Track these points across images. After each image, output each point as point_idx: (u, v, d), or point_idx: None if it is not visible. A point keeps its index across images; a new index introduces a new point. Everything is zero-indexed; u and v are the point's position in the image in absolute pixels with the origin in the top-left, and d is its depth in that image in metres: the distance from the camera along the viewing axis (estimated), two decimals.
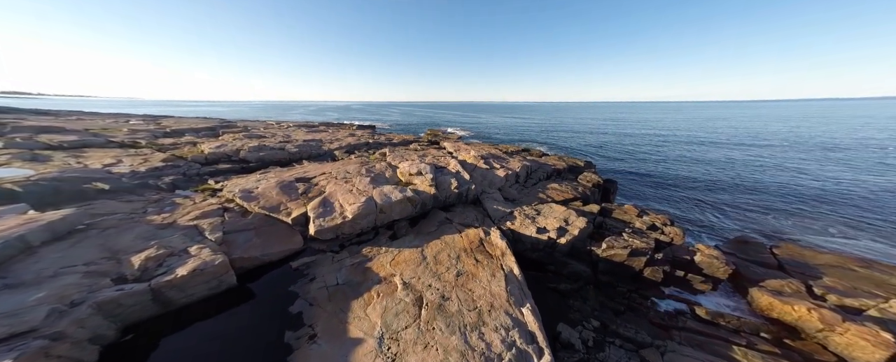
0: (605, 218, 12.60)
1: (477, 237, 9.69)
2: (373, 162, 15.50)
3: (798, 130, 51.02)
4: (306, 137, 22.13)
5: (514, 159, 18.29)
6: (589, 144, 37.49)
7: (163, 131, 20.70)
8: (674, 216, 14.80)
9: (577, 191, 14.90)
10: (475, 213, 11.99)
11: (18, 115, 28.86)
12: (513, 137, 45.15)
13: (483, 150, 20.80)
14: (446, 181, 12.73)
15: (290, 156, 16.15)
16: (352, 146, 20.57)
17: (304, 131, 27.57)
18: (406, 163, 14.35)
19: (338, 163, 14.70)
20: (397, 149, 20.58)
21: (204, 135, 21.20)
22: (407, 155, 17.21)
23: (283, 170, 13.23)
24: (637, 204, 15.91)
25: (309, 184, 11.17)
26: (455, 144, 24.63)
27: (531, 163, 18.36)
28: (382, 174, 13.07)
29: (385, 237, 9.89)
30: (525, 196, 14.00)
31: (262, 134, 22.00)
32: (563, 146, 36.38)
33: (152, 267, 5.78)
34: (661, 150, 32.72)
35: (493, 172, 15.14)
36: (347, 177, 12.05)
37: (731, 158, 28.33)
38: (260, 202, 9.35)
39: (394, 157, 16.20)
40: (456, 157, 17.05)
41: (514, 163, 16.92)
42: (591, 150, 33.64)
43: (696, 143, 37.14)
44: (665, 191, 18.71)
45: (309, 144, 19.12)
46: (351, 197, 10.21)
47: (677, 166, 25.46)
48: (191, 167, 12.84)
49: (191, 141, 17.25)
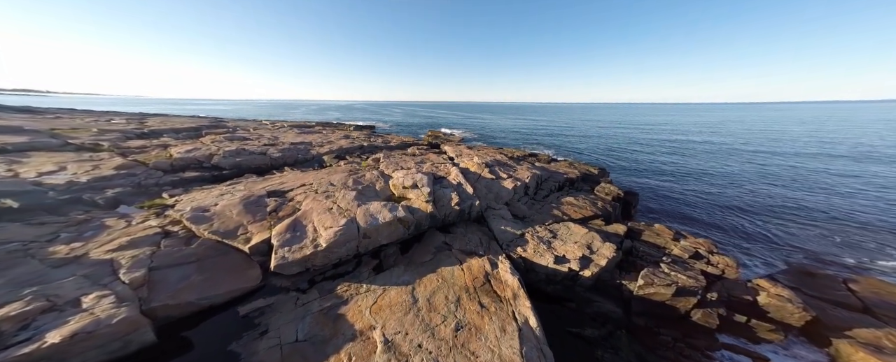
0: (634, 241, 10.68)
1: (481, 270, 7.84)
2: (364, 170, 13.71)
3: (821, 134, 48.53)
4: (295, 140, 20.46)
5: (522, 167, 16.43)
6: (598, 148, 35.48)
7: (139, 131, 19.11)
8: (707, 236, 12.83)
9: (595, 205, 12.99)
10: (479, 235, 10.15)
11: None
12: (517, 140, 43.22)
13: (487, 156, 18.95)
14: (446, 196, 10.90)
15: (272, 163, 14.42)
16: (344, 150, 18.84)
17: (296, 132, 25.92)
18: (400, 173, 12.54)
19: (324, 171, 12.95)
20: (393, 154, 18.79)
21: (184, 137, 19.60)
22: (403, 161, 15.40)
23: (258, 179, 11.50)
24: (665, 221, 13.97)
25: (282, 200, 9.39)
26: (456, 148, 22.81)
27: (541, 171, 16.48)
28: (372, 186, 11.26)
29: (368, 268, 8.07)
30: (537, 212, 12.12)
31: (247, 135, 20.35)
32: (571, 150, 34.40)
33: (9, 331, 4.01)
34: (678, 156, 30.63)
35: (500, 183, 13.28)
36: (330, 191, 10.25)
37: (756, 164, 26.21)
38: (213, 224, 7.58)
39: (388, 165, 14.40)
40: (457, 165, 15.22)
41: (522, 172, 15.05)
42: (602, 155, 31.65)
43: (715, 148, 34.93)
44: (690, 204, 16.69)
45: (296, 148, 17.41)
46: (329, 218, 8.40)
47: (699, 174, 23.41)
48: (150, 175, 11.12)
49: (165, 143, 15.65)
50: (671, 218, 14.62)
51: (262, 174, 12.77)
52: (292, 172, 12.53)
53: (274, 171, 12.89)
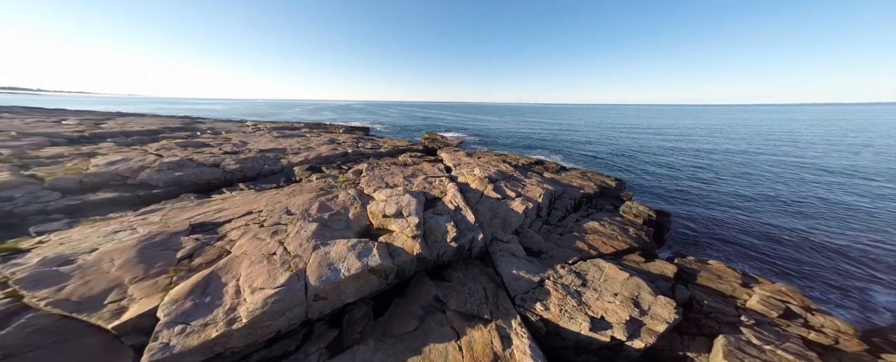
0: (690, 286, 8.17)
1: (488, 349, 5.31)
2: (338, 188, 11.12)
3: (847, 137, 46.46)
4: (267, 146, 17.87)
5: (531, 180, 13.91)
6: (606, 153, 33.06)
7: (76, 135, 16.32)
8: (770, 272, 10.31)
9: (626, 233, 10.49)
10: (483, 282, 7.61)
11: None
12: (520, 143, 40.75)
13: (490, 166, 16.43)
14: (439, 228, 8.35)
15: (225, 177, 11.75)
16: (322, 159, 16.28)
17: (273, 136, 23.33)
18: (383, 194, 9.98)
19: (286, 190, 10.38)
20: (381, 164, 16.22)
21: (134, 142, 16.94)
22: (390, 175, 12.84)
23: (192, 203, 8.88)
24: (710, 251, 11.45)
25: (207, 239, 6.79)
26: (455, 155, 20.28)
27: (553, 185, 13.99)
28: (343, 213, 8.68)
29: (320, 346, 5.50)
30: (555, 244, 9.59)
31: (207, 141, 17.70)
32: (578, 155, 31.95)
33: None
34: (697, 162, 28.22)
35: (507, 205, 10.74)
36: (281, 224, 7.66)
37: (787, 172, 23.88)
38: (67, 287, 4.97)
39: (371, 180, 11.82)
40: (455, 179, 12.67)
41: (532, 189, 12.53)
42: (611, 161, 29.21)
43: (733, 153, 32.56)
44: (726, 224, 14.09)
45: (264, 157, 14.83)
46: (264, 271, 5.81)
47: (724, 184, 20.95)
48: (37, 198, 8.31)
49: (94, 151, 12.95)
50: (713, 244, 12.10)
51: (208, 193, 10.20)
52: (244, 192, 9.93)
53: (224, 189, 10.32)
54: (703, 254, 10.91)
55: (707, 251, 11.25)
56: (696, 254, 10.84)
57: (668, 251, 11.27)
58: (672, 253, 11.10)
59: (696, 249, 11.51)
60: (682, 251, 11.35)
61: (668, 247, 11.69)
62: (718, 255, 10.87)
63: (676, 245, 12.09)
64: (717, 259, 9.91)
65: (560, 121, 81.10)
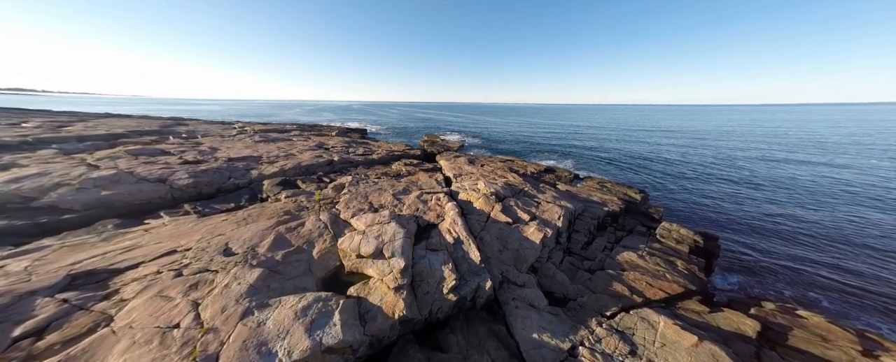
0: (776, 348, 6.01)
1: None
2: (309, 211, 9.06)
3: (869, 138, 43.95)
4: (240, 153, 15.84)
5: (545, 196, 11.79)
6: (622, 158, 30.82)
7: (9, 142, 14.32)
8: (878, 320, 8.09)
9: (672, 266, 8.36)
10: (490, 351, 5.59)
11: None
12: (525, 146, 38.58)
13: (496, 177, 14.32)
14: (434, 272, 6.27)
15: (172, 195, 9.45)
16: (302, 169, 14.25)
17: (254, 140, 21.37)
18: (363, 221, 7.90)
19: (239, 215, 8.33)
20: (369, 176, 14.16)
21: (87, 147, 14.94)
22: (376, 191, 10.76)
23: (101, 236, 6.79)
24: (789, 293, 9.12)
25: (83, 300, 4.73)
26: (455, 162, 18.19)
27: (570, 200, 11.88)
28: (303, 252, 6.61)
29: None
30: (585, 287, 7.48)
31: (166, 148, 15.66)
32: (591, 160, 29.73)
33: None
34: (723, 167, 25.96)
35: (520, 231, 8.63)
36: (207, 271, 5.58)
37: (829, 179, 21.58)
38: None
39: (351, 199, 9.74)
40: (455, 196, 10.57)
41: (549, 208, 10.41)
42: (627, 166, 27.01)
43: (766, 158, 30.10)
44: (789, 243, 11.90)
45: (231, 167, 12.79)
46: (148, 360, 3.72)
47: (764, 192, 18.71)
48: None
49: (15, 161, 10.91)
50: (778, 273, 9.86)
51: (141, 218, 8.18)
52: (182, 219, 7.79)
53: (162, 213, 8.25)
54: (771, 290, 8.70)
55: (777, 286, 8.99)
56: (763, 290, 8.66)
57: (726, 287, 9.05)
58: (733, 291, 8.88)
59: (759, 283, 9.26)
60: (746, 288, 9.11)
61: (723, 281, 9.46)
62: (795, 294, 8.60)
63: (731, 276, 9.85)
64: (793, 299, 7.75)
65: (565, 123, 78.84)
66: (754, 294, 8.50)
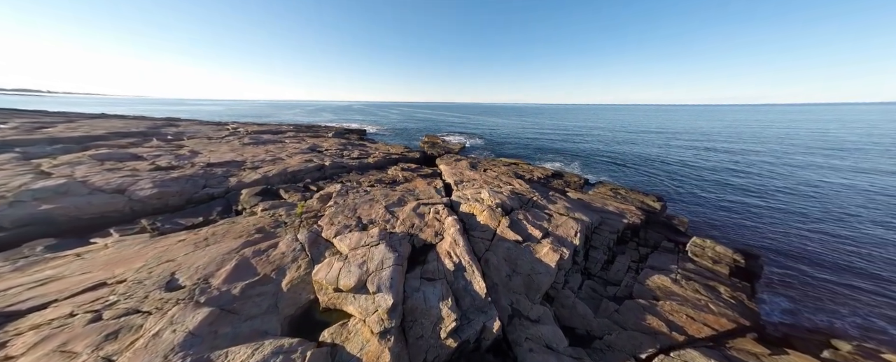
0: None
1: None
2: (287, 228, 7.89)
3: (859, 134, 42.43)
4: (223, 157, 14.70)
5: (557, 206, 10.58)
6: (632, 160, 29.52)
7: None
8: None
9: (714, 293, 7.16)
10: None
11: None
12: (529, 148, 37.34)
13: (501, 184, 13.15)
14: (430, 310, 5.11)
15: (131, 208, 8.20)
16: (288, 175, 13.12)
17: (242, 143, 20.27)
18: (347, 242, 6.73)
19: (203, 232, 7.19)
20: (362, 184, 13.02)
21: (55, 151, 13.83)
22: (367, 202, 9.60)
23: (22, 262, 5.61)
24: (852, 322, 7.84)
25: None
26: (456, 167, 17.02)
27: (584, 211, 10.69)
28: (270, 282, 5.46)
29: None
30: (613, 321, 6.29)
31: (139, 152, 14.48)
32: (600, 163, 28.44)
33: None
34: (740, 170, 24.64)
35: (532, 252, 7.44)
36: (137, 313, 4.44)
37: (860, 182, 20.26)
38: None
39: (336, 214, 8.58)
40: (457, 209, 9.37)
41: (562, 222, 9.20)
42: (638, 169, 25.72)
43: (789, 163, 28.69)
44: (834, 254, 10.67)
45: (207, 174, 11.65)
46: None
47: (793, 198, 17.41)
48: None
49: None
50: (835, 294, 8.58)
51: (88, 235, 7.03)
52: (129, 240, 6.60)
53: (112, 231, 7.09)
54: (834, 320, 7.41)
55: (838, 314, 7.67)
56: (823, 320, 7.40)
57: (777, 316, 7.73)
58: (787, 323, 7.53)
59: (814, 310, 7.93)
60: (801, 317, 7.72)
61: (771, 308, 8.14)
62: (865, 323, 7.29)
63: (778, 300, 8.48)
64: (863, 330, 6.50)
65: (569, 123, 77.47)
66: (814, 325, 7.24)
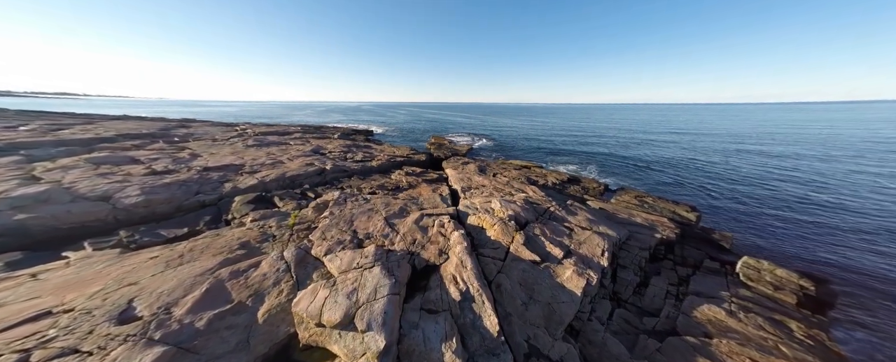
0: None
1: None
2: (275, 242, 7.16)
3: None
4: (222, 160, 14.18)
5: (578, 218, 9.44)
6: (654, 163, 27.64)
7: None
8: None
9: (781, 329, 5.94)
10: None
11: None
12: (541, 149, 35.83)
13: (513, 190, 12.11)
14: (430, 350, 4.22)
15: (115, 216, 7.51)
16: (287, 180, 12.47)
17: (247, 144, 19.93)
18: (339, 262, 5.91)
19: (181, 247, 6.51)
20: (363, 189, 12.26)
21: (59, 153, 13.63)
22: (366, 213, 8.78)
23: None
24: None
25: None
26: (464, 171, 16.05)
27: (609, 223, 9.50)
28: (244, 310, 4.70)
29: None
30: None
31: (136, 155, 14.10)
32: (618, 167, 26.75)
33: None
34: (783, 175, 22.55)
35: (551, 275, 6.40)
36: (75, 355, 3.68)
37: None
38: None
39: (329, 227, 7.79)
40: (464, 221, 8.39)
41: (587, 238, 8.08)
42: (662, 173, 23.97)
43: (835, 163, 26.23)
44: None
45: (203, 179, 11.12)
46: None
47: (855, 207, 15.51)
48: None
49: None
50: None
51: (61, 249, 6.45)
52: (93, 257, 5.93)
53: (85, 244, 6.48)
54: None
55: None
56: None
57: (859, 356, 6.34)
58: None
59: None
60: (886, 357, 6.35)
61: (850, 345, 6.72)
62: None
63: (855, 334, 7.05)
64: None
65: (582, 123, 74.97)
66: None
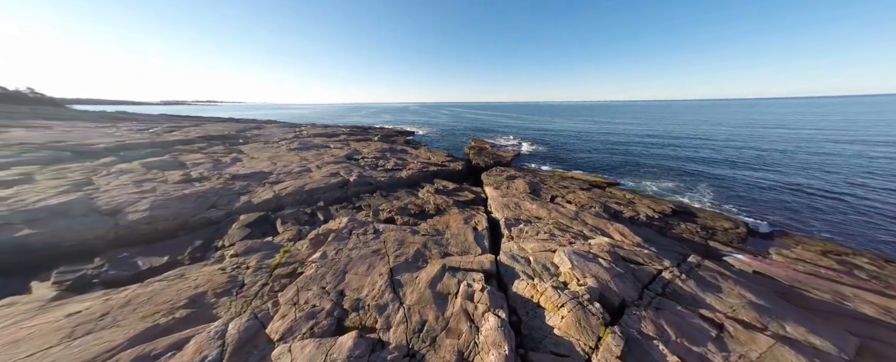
0: None
1: None
2: (231, 303, 5.34)
3: None
4: (254, 168, 13.45)
5: (730, 300, 5.83)
6: (805, 185, 18.65)
7: (95, 149, 14.72)
8: None
9: None
10: None
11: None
12: (611, 157, 27.16)
13: (585, 228, 8.74)
14: None
15: (117, 234, 6.76)
16: (304, 194, 11.04)
17: (289, 148, 19.83)
18: (301, 357, 3.67)
19: (118, 298, 4.97)
20: (379, 215, 10.17)
21: (141, 156, 14.40)
22: (365, 261, 6.61)
23: None
24: None
25: None
26: (509, 190, 12.98)
27: (808, 318, 5.61)
28: None
29: None
30: None
31: (185, 160, 14.27)
32: (739, 186, 17.33)
33: None
34: None
35: None
36: None
37: None
38: None
39: (305, 288, 5.75)
40: (507, 289, 5.53)
41: (763, 354, 4.51)
42: (832, 197, 16.32)
43: None
44: None
45: (224, 190, 10.25)
46: None
47: None
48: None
49: (32, 174, 10.31)
50: None
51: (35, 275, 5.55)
52: (13, 306, 4.74)
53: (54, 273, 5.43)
54: None
55: None
56: None
57: None
58: None
59: None
60: None
61: None
62: None
63: None
64: None
65: (666, 125, 60.53)
66: None
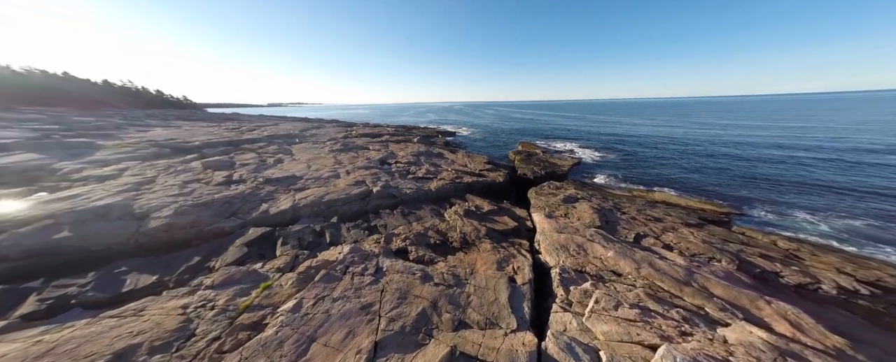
0: None
1: None
2: (173, 357, 4.22)
3: None
4: (289, 171, 13.21)
5: None
6: None
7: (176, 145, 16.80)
8: None
9: None
10: None
11: None
12: (721, 176, 19.78)
13: (709, 303, 6.05)
14: None
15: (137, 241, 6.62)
16: (322, 206, 10.23)
17: (329, 149, 20.04)
18: None
19: (38, 347, 4.34)
20: (391, 242, 8.71)
21: (207, 154, 16.16)
22: (346, 324, 5.17)
23: None
24: None
25: None
26: (567, 220, 10.42)
27: None
28: None
29: None
30: None
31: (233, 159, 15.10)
32: (875, 213, 14.19)
33: None
34: None
35: None
36: None
37: None
38: None
39: None
40: None
41: None
42: None
43: None
44: None
45: (254, 194, 9.89)
46: None
47: None
48: None
49: (106, 175, 11.56)
50: None
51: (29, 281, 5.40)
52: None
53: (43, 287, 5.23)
54: None
55: None
56: None
57: None
58: None
59: None
60: None
61: None
62: None
63: None
64: None
65: (779, 124, 49.35)
66: None
